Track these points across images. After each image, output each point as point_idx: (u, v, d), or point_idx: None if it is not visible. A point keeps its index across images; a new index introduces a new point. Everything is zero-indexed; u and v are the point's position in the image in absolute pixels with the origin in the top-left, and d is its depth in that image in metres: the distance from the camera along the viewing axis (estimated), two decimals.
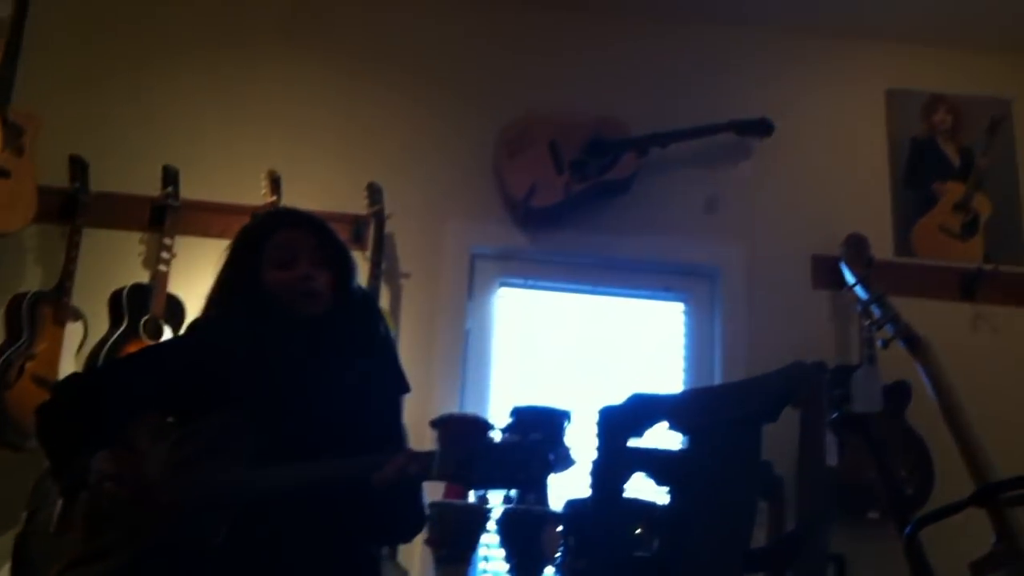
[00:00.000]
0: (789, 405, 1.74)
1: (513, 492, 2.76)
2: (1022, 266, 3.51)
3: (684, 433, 1.85)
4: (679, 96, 3.59)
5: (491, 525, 2.94)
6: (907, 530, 1.86)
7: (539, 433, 2.77)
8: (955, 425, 1.99)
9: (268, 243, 1.95)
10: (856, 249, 3.26)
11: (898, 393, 3.18)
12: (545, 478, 2.13)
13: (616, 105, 3.52)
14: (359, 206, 3.30)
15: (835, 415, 2.24)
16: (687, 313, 3.53)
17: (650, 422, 1.86)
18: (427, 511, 1.92)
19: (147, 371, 1.94)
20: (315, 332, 1.92)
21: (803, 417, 1.72)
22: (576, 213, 3.41)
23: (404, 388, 2.03)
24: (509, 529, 2.92)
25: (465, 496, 3.00)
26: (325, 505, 1.78)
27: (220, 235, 3.00)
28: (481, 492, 2.84)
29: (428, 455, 1.72)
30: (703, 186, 3.53)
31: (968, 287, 3.46)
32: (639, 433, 1.86)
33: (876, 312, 2.21)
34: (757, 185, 3.55)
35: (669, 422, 1.86)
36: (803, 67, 3.69)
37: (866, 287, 2.20)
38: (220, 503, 1.73)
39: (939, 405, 2.07)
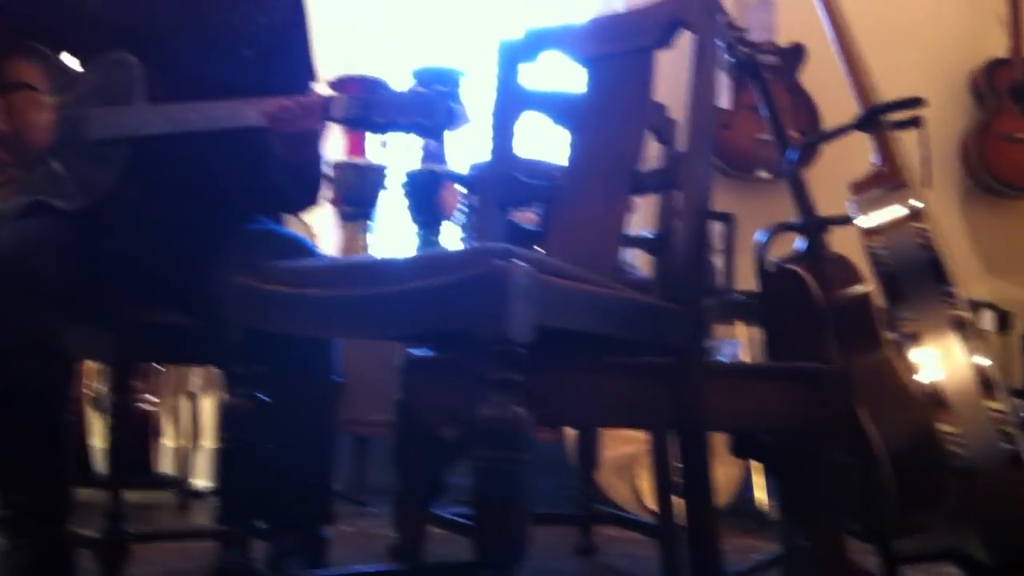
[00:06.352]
0: (681, 28, 1.74)
1: (414, 142, 2.80)
2: None
3: (578, 62, 1.84)
4: None
5: (390, 184, 3.00)
6: (790, 154, 1.93)
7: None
8: (843, 45, 2.01)
9: None
10: None
11: (792, 55, 3.23)
12: (447, 126, 2.12)
13: None
14: None
15: (732, 59, 2.25)
16: None
17: (544, 47, 1.85)
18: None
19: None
20: None
21: (695, 43, 1.72)
22: None
23: (311, 75, 1.97)
24: (411, 188, 2.99)
25: (363, 155, 3.03)
26: (222, 161, 1.76)
27: None
28: (383, 139, 2.88)
29: (329, 98, 1.72)
30: None
31: None
32: (532, 57, 1.85)
33: None
34: None
35: (563, 50, 1.85)
36: None
37: None
38: (110, 147, 1.69)
39: (829, 23, 2.08)
